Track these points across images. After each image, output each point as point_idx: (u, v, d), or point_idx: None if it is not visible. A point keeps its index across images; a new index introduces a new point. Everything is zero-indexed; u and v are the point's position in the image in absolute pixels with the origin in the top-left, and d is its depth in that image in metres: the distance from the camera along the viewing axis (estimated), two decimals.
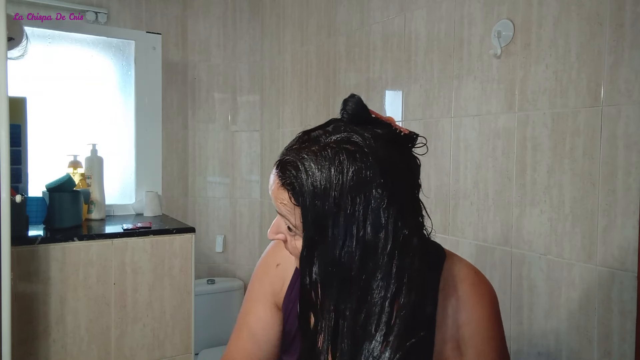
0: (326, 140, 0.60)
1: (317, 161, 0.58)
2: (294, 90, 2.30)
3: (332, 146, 0.59)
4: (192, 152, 2.62)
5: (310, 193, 0.58)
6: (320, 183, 0.58)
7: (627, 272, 1.06)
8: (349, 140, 0.59)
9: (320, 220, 0.58)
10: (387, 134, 0.61)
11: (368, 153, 0.58)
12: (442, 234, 1.51)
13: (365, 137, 0.59)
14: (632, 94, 1.04)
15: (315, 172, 0.58)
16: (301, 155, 0.60)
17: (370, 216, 0.57)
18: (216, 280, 2.53)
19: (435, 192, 1.54)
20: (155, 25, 2.45)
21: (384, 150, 0.59)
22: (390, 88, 1.71)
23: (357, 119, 0.62)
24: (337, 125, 0.62)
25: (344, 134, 0.60)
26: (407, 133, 0.63)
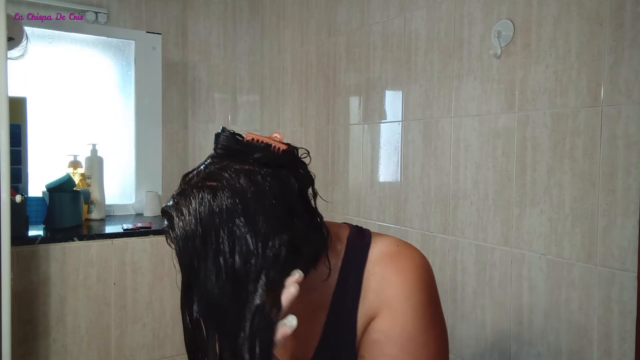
0: (195, 180, 0.61)
1: (185, 204, 0.59)
2: (294, 90, 2.30)
3: (198, 185, 0.60)
4: (192, 152, 2.62)
5: (179, 237, 0.59)
6: (185, 225, 0.58)
7: (627, 272, 1.06)
8: (212, 177, 0.60)
9: (190, 260, 0.59)
10: (262, 158, 0.62)
11: (226, 185, 0.59)
12: (442, 234, 1.51)
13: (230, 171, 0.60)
14: (632, 94, 1.04)
15: (183, 216, 0.59)
16: (175, 201, 0.61)
17: (237, 245, 0.58)
18: None
19: (435, 192, 1.54)
20: (155, 25, 2.45)
21: (247, 180, 0.60)
22: (390, 88, 1.71)
23: (229, 152, 0.63)
24: (210, 163, 0.63)
25: (209, 171, 0.62)
26: (286, 149, 0.64)
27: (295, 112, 2.29)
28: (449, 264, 1.49)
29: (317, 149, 2.12)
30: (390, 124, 1.71)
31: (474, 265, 1.41)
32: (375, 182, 1.79)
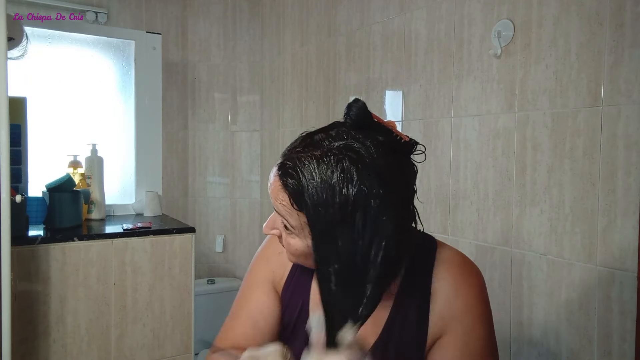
0: (329, 146, 0.62)
1: (319, 168, 0.60)
2: (294, 90, 2.30)
3: (334, 153, 0.60)
4: (192, 152, 2.62)
5: (314, 202, 0.60)
6: (322, 191, 0.60)
7: (627, 272, 1.06)
8: (351, 149, 0.61)
9: (328, 228, 0.61)
10: (388, 142, 0.63)
11: (368, 163, 0.60)
12: (442, 234, 1.51)
13: (367, 145, 0.61)
14: (632, 94, 1.04)
15: (317, 180, 0.60)
16: (303, 159, 0.61)
17: (368, 226, 0.60)
18: (216, 280, 2.53)
19: (435, 192, 1.54)
20: (155, 25, 2.45)
21: (383, 160, 0.61)
22: (390, 88, 1.71)
23: (360, 125, 0.63)
24: (340, 131, 0.63)
25: (347, 141, 0.61)
26: (407, 140, 0.65)
27: (295, 112, 2.29)
28: None
29: None
30: None
31: None
32: None
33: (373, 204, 0.59)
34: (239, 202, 2.65)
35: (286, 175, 0.63)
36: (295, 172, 0.62)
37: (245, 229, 2.65)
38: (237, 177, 2.65)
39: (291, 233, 0.67)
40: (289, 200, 0.63)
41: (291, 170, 0.62)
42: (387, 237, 0.60)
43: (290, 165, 0.63)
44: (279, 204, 0.65)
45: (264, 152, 2.61)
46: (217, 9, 2.59)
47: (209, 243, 2.65)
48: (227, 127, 2.64)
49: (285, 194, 0.63)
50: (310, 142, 0.64)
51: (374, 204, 0.59)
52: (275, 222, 0.70)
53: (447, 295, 0.70)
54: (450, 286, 0.71)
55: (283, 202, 0.64)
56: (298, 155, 0.63)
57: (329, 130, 0.64)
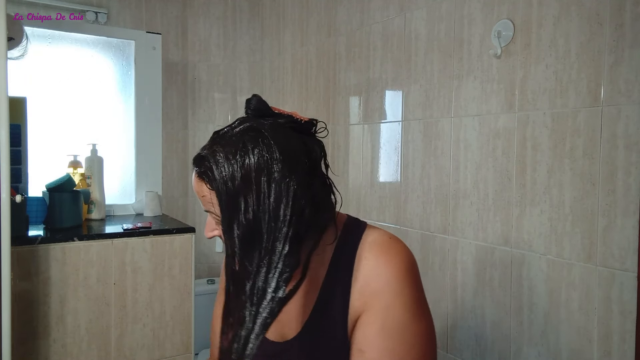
0: (232, 132, 0.69)
1: (224, 150, 0.67)
2: (294, 90, 2.30)
3: (237, 135, 0.68)
4: (192, 152, 2.61)
5: (221, 178, 0.66)
6: (228, 167, 0.66)
7: (627, 272, 1.06)
8: (251, 128, 0.68)
9: (233, 198, 0.66)
10: (287, 122, 0.71)
11: (267, 135, 0.67)
12: (442, 234, 1.51)
13: (265, 124, 0.69)
14: (632, 94, 1.04)
15: (224, 160, 0.66)
16: (212, 149, 0.68)
17: (274, 189, 0.65)
18: (216, 280, 2.53)
19: (435, 192, 1.54)
20: (155, 25, 2.45)
21: (282, 134, 0.68)
22: (390, 88, 1.71)
23: (260, 114, 0.71)
24: (242, 120, 0.71)
25: (247, 124, 0.69)
26: (307, 120, 0.73)
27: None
28: (449, 264, 1.49)
29: None
30: (390, 123, 1.71)
31: (474, 265, 1.41)
32: (375, 182, 1.79)
33: (276, 168, 0.65)
34: None
35: (200, 167, 0.69)
36: (206, 159, 0.68)
37: None
38: None
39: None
40: (206, 188, 0.68)
41: (203, 160, 0.68)
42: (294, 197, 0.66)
43: (201, 156, 0.69)
44: (202, 197, 0.70)
45: None
46: (217, 9, 2.59)
47: (209, 243, 2.65)
48: None
49: (202, 183, 0.69)
50: (217, 136, 0.71)
51: (276, 168, 0.65)
52: (211, 223, 0.75)
53: (368, 273, 0.71)
54: (370, 265, 0.72)
55: (204, 194, 0.69)
56: (207, 147, 0.69)
57: (232, 124, 0.71)
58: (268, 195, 0.65)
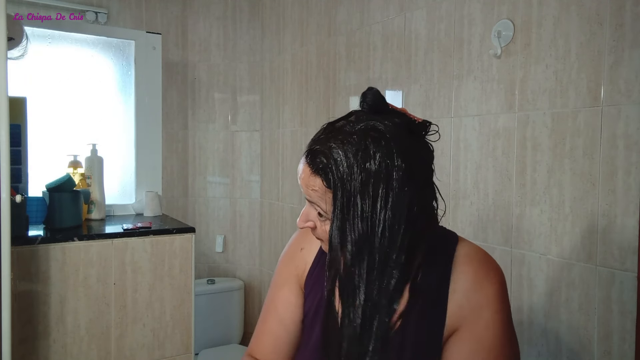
0: (351, 129, 0.66)
1: (344, 148, 0.64)
2: (294, 90, 2.30)
3: (357, 133, 0.65)
4: (192, 152, 2.62)
5: (340, 176, 0.64)
6: (349, 167, 0.64)
7: (627, 272, 1.06)
8: (373, 128, 0.65)
9: (350, 200, 0.64)
10: (404, 123, 0.67)
11: (390, 139, 0.64)
12: None
13: (386, 124, 0.65)
14: (632, 94, 1.04)
15: (343, 158, 0.64)
16: (329, 144, 0.66)
17: (391, 198, 0.64)
18: (216, 280, 2.53)
19: None
20: (155, 25, 2.45)
21: (403, 137, 0.65)
22: (390, 88, 1.71)
23: (376, 110, 0.68)
24: (359, 116, 0.68)
25: (367, 123, 0.66)
26: (421, 121, 0.69)
27: (295, 112, 2.29)
28: None
29: None
30: None
31: None
32: None
33: (395, 176, 0.63)
34: (239, 202, 2.65)
35: (314, 161, 0.67)
36: (323, 156, 0.65)
37: (245, 229, 2.65)
38: (237, 177, 2.65)
39: (326, 220, 0.70)
40: (321, 182, 0.66)
41: (319, 154, 0.66)
42: (409, 208, 0.64)
43: (317, 151, 0.67)
44: (310, 190, 0.68)
45: (264, 152, 2.61)
46: (217, 9, 2.59)
47: (209, 243, 2.65)
48: (227, 127, 2.64)
49: (316, 177, 0.67)
50: (333, 129, 0.68)
51: (396, 176, 0.63)
52: (309, 214, 0.73)
53: (467, 288, 0.71)
54: (470, 280, 0.71)
55: (315, 188, 0.68)
56: (323, 142, 0.67)
57: (348, 117, 0.68)
58: (385, 204, 0.64)
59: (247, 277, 2.65)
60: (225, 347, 2.42)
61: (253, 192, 2.64)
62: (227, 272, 2.66)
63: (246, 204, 2.65)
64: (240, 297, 2.54)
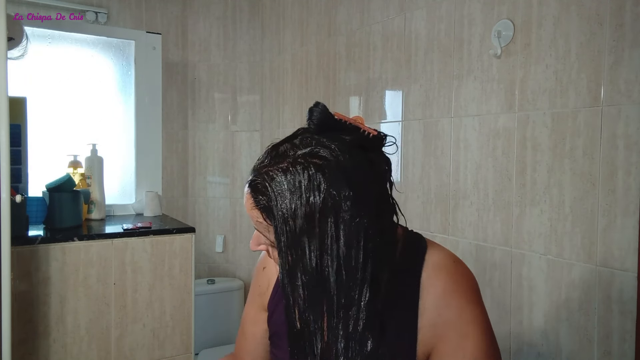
0: (294, 155, 0.61)
1: (286, 179, 0.59)
2: (294, 90, 2.30)
3: (299, 162, 0.60)
4: (192, 152, 2.62)
5: (281, 215, 0.60)
6: (290, 203, 0.59)
7: (627, 272, 1.06)
8: (316, 155, 0.60)
9: (295, 240, 0.60)
10: (355, 140, 0.62)
11: (335, 166, 0.59)
12: (442, 234, 1.51)
13: (332, 148, 0.60)
14: (632, 94, 1.04)
15: (285, 193, 0.59)
16: (271, 174, 0.61)
17: (342, 230, 0.59)
18: (216, 280, 2.53)
19: (435, 192, 1.54)
20: (155, 25, 2.45)
21: (351, 160, 0.60)
22: (390, 88, 1.71)
23: (323, 127, 0.63)
24: (304, 138, 0.63)
25: (312, 148, 0.60)
26: (375, 134, 0.64)
27: (295, 112, 2.29)
28: None
29: None
30: (390, 124, 1.71)
31: (474, 265, 1.41)
32: None
33: (344, 207, 0.58)
34: (239, 202, 2.65)
35: (256, 193, 0.63)
36: (264, 188, 0.61)
37: (245, 229, 2.65)
38: (237, 177, 2.65)
39: (274, 246, 0.67)
40: (263, 218, 0.63)
41: (260, 186, 0.62)
42: (365, 238, 0.59)
43: (259, 181, 0.62)
44: (255, 221, 0.65)
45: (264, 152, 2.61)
46: (217, 9, 2.59)
47: (209, 243, 2.65)
48: (227, 127, 2.64)
49: (258, 212, 0.63)
50: (276, 154, 0.63)
51: (345, 207, 0.58)
52: (259, 237, 0.70)
53: (437, 303, 0.68)
54: (439, 294, 0.68)
55: (258, 220, 0.64)
56: (266, 170, 0.62)
57: (293, 139, 0.64)
58: (336, 239, 0.58)
59: (247, 277, 2.65)
60: (225, 347, 2.42)
61: None
62: (227, 272, 2.66)
63: None
64: (240, 297, 2.54)
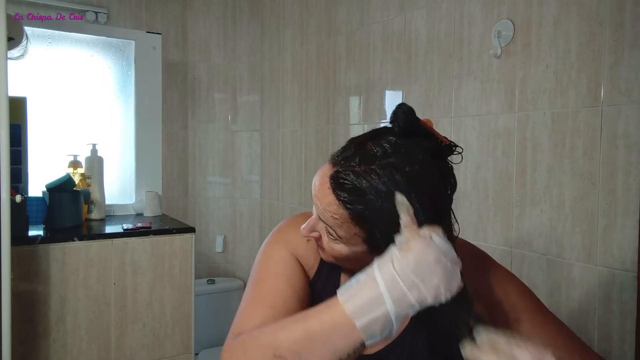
0: (382, 161, 0.63)
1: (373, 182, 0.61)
2: (294, 90, 2.30)
3: (386, 172, 0.62)
4: (192, 152, 2.62)
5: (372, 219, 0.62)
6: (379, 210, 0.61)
7: (627, 272, 1.06)
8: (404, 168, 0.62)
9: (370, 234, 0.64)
10: (431, 149, 0.65)
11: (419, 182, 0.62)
12: None
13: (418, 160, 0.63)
14: (632, 94, 1.04)
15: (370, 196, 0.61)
16: (361, 177, 0.62)
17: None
18: (216, 280, 2.53)
19: None
20: (155, 25, 2.45)
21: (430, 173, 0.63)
22: (390, 88, 1.71)
23: (408, 132, 0.65)
24: (390, 140, 0.64)
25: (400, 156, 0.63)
26: (447, 144, 0.67)
27: (295, 112, 2.29)
28: None
29: (317, 148, 2.12)
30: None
31: None
32: None
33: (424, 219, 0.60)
34: (239, 202, 2.65)
35: (343, 191, 0.63)
36: (351, 186, 0.63)
37: (245, 229, 2.65)
38: (237, 177, 2.65)
39: (335, 240, 0.68)
40: (346, 215, 0.64)
41: (347, 185, 0.63)
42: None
43: (347, 181, 0.63)
44: (329, 215, 0.65)
45: (264, 152, 2.61)
46: (217, 9, 2.59)
47: (209, 243, 2.65)
48: (227, 127, 2.64)
49: (340, 208, 0.64)
50: (365, 153, 0.64)
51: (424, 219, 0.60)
52: (316, 225, 0.70)
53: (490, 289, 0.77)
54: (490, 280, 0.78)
55: (335, 216, 0.65)
56: (354, 170, 0.63)
57: (379, 139, 0.65)
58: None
59: (247, 277, 2.64)
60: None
61: (253, 192, 2.64)
62: (227, 272, 2.66)
63: (246, 204, 2.65)
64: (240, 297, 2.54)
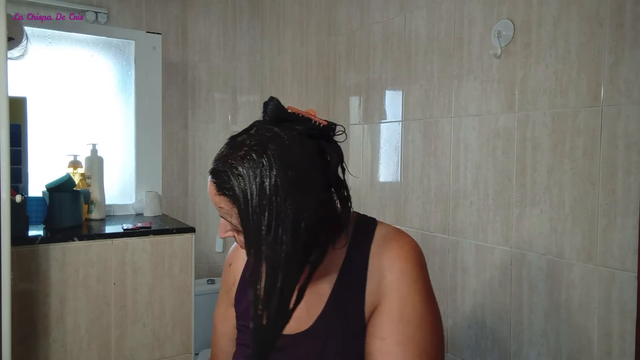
0: (250, 144, 0.68)
1: (244, 166, 0.67)
2: (294, 90, 2.30)
3: (255, 149, 0.67)
4: (192, 152, 2.62)
5: (242, 197, 0.67)
6: (249, 186, 0.66)
7: (627, 272, 1.06)
8: (271, 140, 0.68)
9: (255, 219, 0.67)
10: (305, 129, 0.71)
11: (287, 152, 0.67)
12: (442, 234, 1.51)
13: (283, 136, 0.68)
14: (632, 94, 1.04)
15: (244, 178, 0.67)
16: (230, 162, 0.68)
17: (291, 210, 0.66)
18: (216, 280, 2.53)
19: (435, 192, 1.54)
20: (155, 25, 2.45)
21: (301, 147, 0.68)
22: (390, 88, 1.71)
23: (277, 119, 0.71)
24: (259, 129, 0.71)
25: (265, 137, 0.69)
26: (326, 124, 0.73)
27: None
28: (449, 264, 1.49)
29: None
30: (390, 124, 1.71)
31: (474, 265, 1.41)
32: (375, 182, 1.79)
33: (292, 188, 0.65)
34: None
35: (218, 179, 0.69)
36: (225, 174, 0.68)
37: None
38: None
39: (239, 231, 0.74)
40: (227, 201, 0.69)
41: (222, 173, 0.69)
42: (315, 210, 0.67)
43: (220, 168, 0.69)
44: (218, 207, 0.72)
45: None
46: (217, 9, 2.59)
47: (209, 243, 2.65)
48: (227, 127, 2.64)
49: (220, 196, 0.70)
50: (235, 144, 0.70)
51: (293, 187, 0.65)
52: (225, 225, 0.76)
53: (382, 265, 0.76)
54: (383, 258, 0.76)
55: (221, 205, 0.71)
56: (225, 159, 0.69)
57: (249, 131, 0.71)
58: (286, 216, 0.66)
59: None
60: None
61: None
62: None
63: None
64: None
